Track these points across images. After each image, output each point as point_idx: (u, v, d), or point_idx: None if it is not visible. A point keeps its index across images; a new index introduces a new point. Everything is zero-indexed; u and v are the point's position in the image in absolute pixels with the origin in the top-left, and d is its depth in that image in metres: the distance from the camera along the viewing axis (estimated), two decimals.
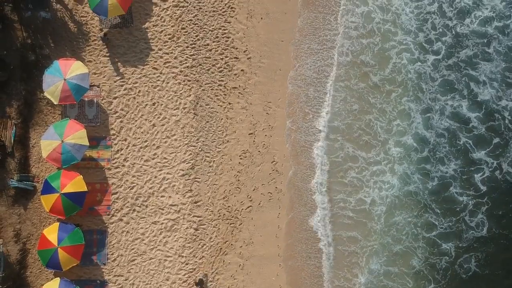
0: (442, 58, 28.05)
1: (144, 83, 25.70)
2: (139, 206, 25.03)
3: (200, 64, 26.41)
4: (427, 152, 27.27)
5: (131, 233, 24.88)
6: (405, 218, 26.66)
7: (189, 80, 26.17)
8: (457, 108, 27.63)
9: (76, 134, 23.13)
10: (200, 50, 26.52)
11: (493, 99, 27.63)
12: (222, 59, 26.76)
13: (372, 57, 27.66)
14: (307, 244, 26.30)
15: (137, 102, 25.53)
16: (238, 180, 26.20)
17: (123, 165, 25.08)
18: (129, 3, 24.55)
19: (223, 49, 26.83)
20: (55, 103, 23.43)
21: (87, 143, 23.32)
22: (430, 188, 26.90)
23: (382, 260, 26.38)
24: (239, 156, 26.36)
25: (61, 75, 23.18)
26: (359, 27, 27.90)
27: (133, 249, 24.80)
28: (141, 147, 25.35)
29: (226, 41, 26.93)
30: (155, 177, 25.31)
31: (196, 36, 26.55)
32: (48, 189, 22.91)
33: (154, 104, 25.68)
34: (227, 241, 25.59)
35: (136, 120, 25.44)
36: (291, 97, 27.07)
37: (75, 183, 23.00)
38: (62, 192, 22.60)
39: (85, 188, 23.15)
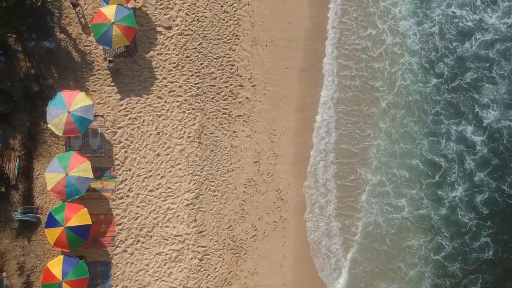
0: (445, 81, 28.13)
1: (148, 113, 25.56)
2: (144, 237, 24.87)
3: (204, 93, 26.28)
4: (432, 175, 27.37)
5: (135, 264, 24.73)
6: (414, 240, 26.95)
7: (193, 109, 26.03)
8: (460, 131, 27.73)
9: (80, 167, 22.97)
10: (205, 78, 26.40)
11: (496, 122, 27.74)
12: (226, 87, 26.64)
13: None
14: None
15: (142, 132, 25.38)
16: (243, 209, 26.08)
17: (128, 196, 24.92)
18: (134, 34, 24.39)
19: (227, 77, 26.71)
20: (59, 135, 23.27)
21: (92, 176, 23.17)
22: (438, 211, 27.05)
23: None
24: (244, 185, 26.24)
25: (65, 107, 23.01)
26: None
27: (137, 280, 24.64)
28: (145, 177, 25.21)
29: (231, 69, 26.81)
30: (160, 207, 25.16)
31: (201, 64, 26.42)
32: (52, 222, 22.73)
33: (158, 133, 25.54)
34: (231, 271, 25.46)
35: (141, 150, 25.29)
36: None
37: (80, 216, 22.84)
38: (66, 225, 22.41)
39: (89, 221, 22.98)
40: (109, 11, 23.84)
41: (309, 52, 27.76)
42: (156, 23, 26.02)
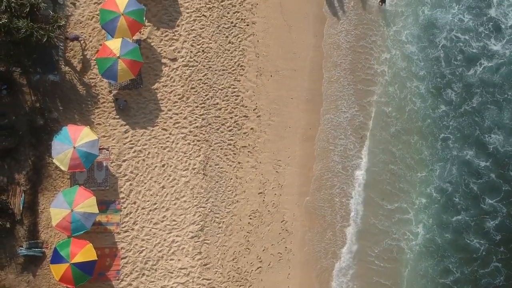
0: (453, 106, 28.28)
1: (153, 145, 25.51)
2: (148, 270, 24.81)
3: (209, 124, 26.25)
4: (442, 201, 27.57)
5: None
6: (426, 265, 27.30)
7: (198, 140, 26.00)
8: (468, 156, 27.86)
9: (85, 202, 22.90)
10: (210, 109, 26.36)
11: (502, 147, 27.86)
12: (231, 117, 26.61)
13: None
14: None
15: (147, 164, 25.33)
16: (248, 240, 26.04)
17: (132, 229, 24.86)
18: (139, 67, 24.36)
19: (232, 107, 26.68)
20: (64, 170, 23.21)
21: (97, 211, 23.10)
22: (446, 236, 27.30)
23: None
24: (249, 216, 26.21)
25: (70, 143, 22.94)
26: None
27: None
28: (150, 210, 25.16)
29: (236, 99, 26.79)
30: (164, 240, 25.11)
31: (206, 95, 26.39)
32: (57, 258, 22.67)
33: (163, 165, 25.50)
34: None
35: (146, 183, 25.24)
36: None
37: (85, 252, 22.78)
38: (72, 262, 22.32)
39: (95, 257, 22.91)
40: (114, 45, 23.79)
41: (314, 82, 27.78)
42: (161, 54, 25.98)
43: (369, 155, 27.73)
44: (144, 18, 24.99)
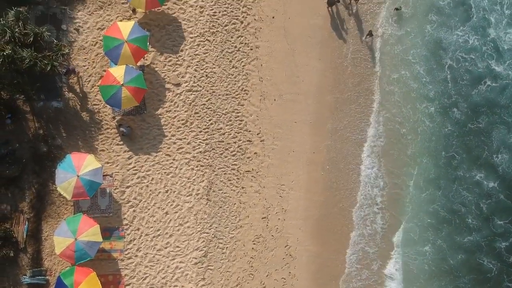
0: (460, 125, 28.34)
1: (157, 170, 25.45)
2: None
3: (213, 149, 26.19)
4: (452, 221, 27.65)
5: None
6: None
7: (202, 166, 25.94)
8: (477, 177, 27.88)
9: (89, 231, 22.83)
10: (213, 134, 26.30)
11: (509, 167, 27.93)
12: (235, 142, 26.55)
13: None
14: None
15: (150, 190, 25.27)
16: (251, 266, 25.96)
17: (136, 256, 24.79)
18: (143, 94, 24.30)
19: (236, 132, 26.63)
20: (68, 198, 23.14)
21: (101, 240, 23.03)
22: (459, 258, 27.32)
23: None
24: (252, 241, 26.13)
25: (74, 171, 22.88)
26: None
27: None
28: (154, 236, 25.08)
29: (239, 124, 26.73)
30: (168, 266, 25.03)
31: (210, 120, 26.33)
32: (61, 287, 22.58)
33: (167, 191, 25.43)
34: None
35: (149, 209, 25.17)
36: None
37: (89, 281, 22.65)
38: None
39: (99, 286, 22.77)
40: (118, 72, 23.74)
41: (318, 105, 27.73)
42: (165, 80, 25.93)
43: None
44: (148, 44, 24.97)
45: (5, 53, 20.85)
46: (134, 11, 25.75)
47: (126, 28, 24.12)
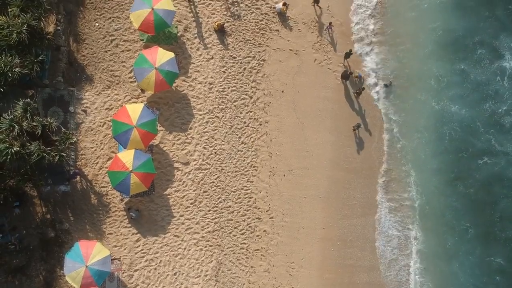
0: None
1: (165, 252, 25.08)
2: None
3: (222, 228, 25.83)
4: None
5: None
6: None
7: (210, 246, 25.57)
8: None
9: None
10: (222, 212, 25.95)
11: None
12: (244, 220, 26.20)
13: None
14: None
15: (158, 273, 24.86)
16: None
17: None
18: (152, 179, 23.90)
19: (245, 210, 26.28)
20: None
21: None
22: None
23: None
24: None
25: (83, 261, 22.43)
26: None
27: None
28: None
29: (249, 201, 26.38)
30: None
31: (218, 198, 25.98)
32: None
33: (175, 273, 25.03)
34: None
35: None
36: None
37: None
38: None
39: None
40: (127, 158, 23.36)
41: (327, 180, 27.39)
42: (173, 159, 25.60)
43: None
44: (157, 126, 24.62)
45: (13, 150, 20.51)
46: (143, 90, 25.45)
47: (135, 112, 23.74)
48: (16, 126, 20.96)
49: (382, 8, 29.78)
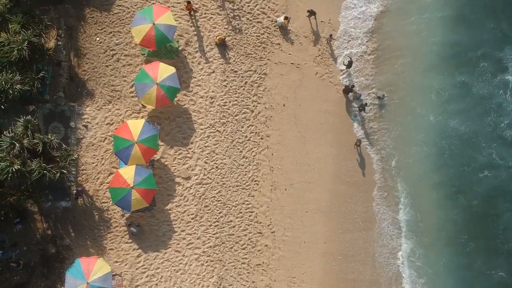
0: None
1: (166, 268, 24.98)
2: None
3: (223, 243, 25.74)
4: None
5: None
6: None
7: (212, 261, 25.48)
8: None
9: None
10: (223, 227, 25.86)
11: None
12: (245, 235, 26.12)
13: None
14: None
15: None
16: None
17: None
18: (153, 195, 23.84)
19: (246, 224, 26.20)
20: None
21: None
22: None
23: None
24: None
25: (84, 279, 22.31)
26: None
27: None
28: None
29: (250, 215, 26.30)
30: None
31: (220, 213, 25.90)
32: None
33: None
34: None
35: None
36: None
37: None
38: None
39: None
40: (128, 174, 23.28)
41: (329, 194, 27.31)
42: (174, 174, 25.51)
43: None
44: (158, 142, 24.52)
45: (14, 169, 20.44)
46: (144, 105, 25.39)
47: (136, 127, 23.65)
48: (17, 144, 20.89)
49: (382, 21, 29.70)
